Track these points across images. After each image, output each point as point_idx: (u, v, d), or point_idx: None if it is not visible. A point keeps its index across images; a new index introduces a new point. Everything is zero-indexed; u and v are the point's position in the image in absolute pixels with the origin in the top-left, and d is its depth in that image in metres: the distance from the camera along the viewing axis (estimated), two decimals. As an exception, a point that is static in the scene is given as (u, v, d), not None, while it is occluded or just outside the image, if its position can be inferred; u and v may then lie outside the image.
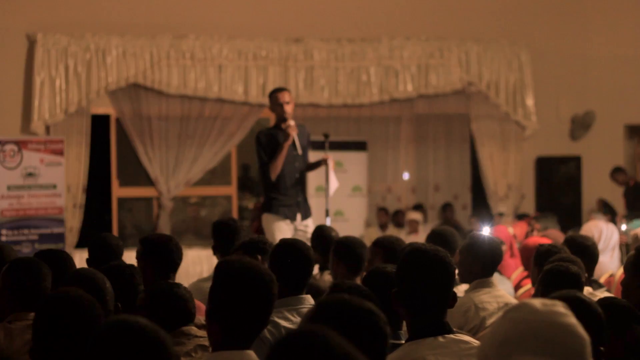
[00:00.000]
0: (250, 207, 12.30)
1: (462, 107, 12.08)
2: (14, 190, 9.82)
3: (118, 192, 11.16)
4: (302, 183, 7.51)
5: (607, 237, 6.85)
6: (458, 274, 4.87)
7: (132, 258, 4.82)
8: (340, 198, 10.74)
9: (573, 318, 2.02)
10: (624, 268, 4.23)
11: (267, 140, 7.38)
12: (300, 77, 11.26)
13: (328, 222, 7.27)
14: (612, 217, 10.28)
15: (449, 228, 5.99)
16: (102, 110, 10.97)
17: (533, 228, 8.20)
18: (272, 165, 7.29)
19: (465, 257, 4.75)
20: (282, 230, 7.19)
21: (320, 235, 5.91)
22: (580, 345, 1.99)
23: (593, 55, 12.38)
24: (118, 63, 10.63)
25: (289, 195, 7.36)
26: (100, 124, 10.98)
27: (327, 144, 7.57)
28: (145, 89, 10.86)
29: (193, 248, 10.91)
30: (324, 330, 1.86)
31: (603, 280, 5.84)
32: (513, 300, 4.71)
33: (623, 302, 3.50)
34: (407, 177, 12.37)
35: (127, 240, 10.15)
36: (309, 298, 4.04)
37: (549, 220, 8.64)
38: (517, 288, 5.96)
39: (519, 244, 7.21)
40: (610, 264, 6.70)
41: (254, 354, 2.79)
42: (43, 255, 4.43)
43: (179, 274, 10.99)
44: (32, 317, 3.52)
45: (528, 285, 5.62)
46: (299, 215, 7.37)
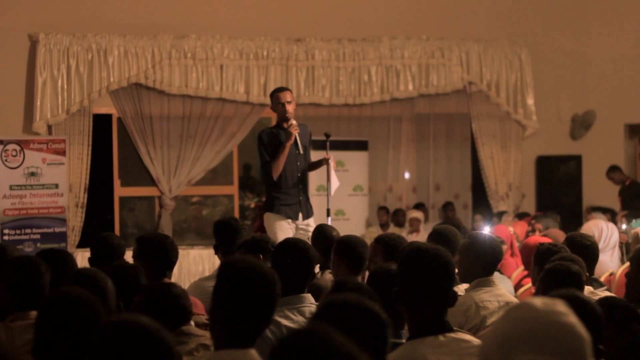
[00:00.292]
0: (252, 206, 12.32)
1: (462, 106, 12.08)
2: (16, 190, 9.83)
3: (120, 191, 11.17)
4: (303, 182, 7.48)
5: (607, 236, 6.85)
6: (458, 274, 4.89)
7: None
8: (341, 197, 10.73)
9: (573, 317, 2.03)
10: (630, 260, 4.26)
11: (269, 140, 7.36)
12: (302, 76, 11.26)
13: (329, 221, 7.27)
14: (612, 216, 10.28)
15: (451, 227, 5.97)
16: (104, 110, 10.98)
17: (534, 228, 8.19)
18: (274, 165, 7.28)
19: (466, 256, 4.74)
20: (283, 230, 7.17)
21: (321, 235, 5.90)
22: (581, 345, 2.00)
23: (593, 55, 12.39)
24: (120, 63, 10.65)
25: (291, 195, 7.34)
26: (102, 124, 10.99)
27: (328, 144, 7.55)
28: (147, 89, 10.87)
29: (195, 247, 10.93)
30: (327, 330, 1.87)
31: (603, 279, 5.83)
32: (513, 299, 4.72)
33: (623, 301, 3.53)
34: (408, 177, 12.37)
35: (128, 240, 10.14)
36: (310, 297, 4.05)
37: (550, 220, 8.63)
38: (517, 287, 5.96)
39: (519, 243, 7.22)
40: (611, 263, 6.70)
41: (256, 353, 2.78)
42: (44, 255, 4.44)
43: (181, 273, 11.08)
44: (32, 316, 3.56)
45: (528, 284, 5.62)
46: (301, 215, 7.35)
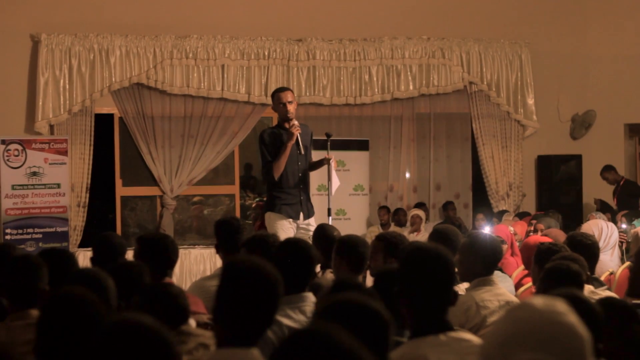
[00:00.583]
0: (253, 205, 12.33)
1: (463, 106, 12.08)
2: (19, 190, 9.86)
3: (121, 191, 11.19)
4: (304, 182, 7.49)
5: (607, 235, 6.87)
6: (458, 273, 4.91)
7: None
8: (342, 197, 10.74)
9: (573, 317, 2.04)
10: (635, 256, 4.28)
11: (270, 139, 7.37)
12: (303, 76, 11.28)
13: (330, 221, 7.28)
14: (612, 215, 10.28)
15: (451, 226, 5.98)
16: (105, 110, 11.00)
17: (536, 228, 8.19)
18: (275, 165, 7.29)
19: (466, 255, 4.74)
20: (284, 229, 7.17)
21: (322, 234, 5.90)
22: (580, 344, 2.01)
23: (593, 55, 12.40)
24: (121, 63, 10.67)
25: (292, 194, 7.35)
26: (104, 124, 11.01)
27: (329, 143, 7.56)
28: (149, 89, 10.89)
29: (196, 247, 10.95)
30: (332, 328, 1.89)
31: (603, 279, 5.84)
32: (514, 299, 4.73)
33: (622, 301, 3.57)
34: (409, 176, 12.37)
35: (130, 239, 10.17)
36: (311, 296, 4.05)
37: (551, 220, 8.63)
38: (517, 286, 5.97)
39: (520, 243, 7.24)
40: (611, 263, 6.71)
41: (259, 352, 2.79)
42: (46, 254, 4.46)
43: (182, 273, 11.08)
44: (32, 315, 3.57)
45: (529, 284, 5.63)
46: (302, 214, 7.36)
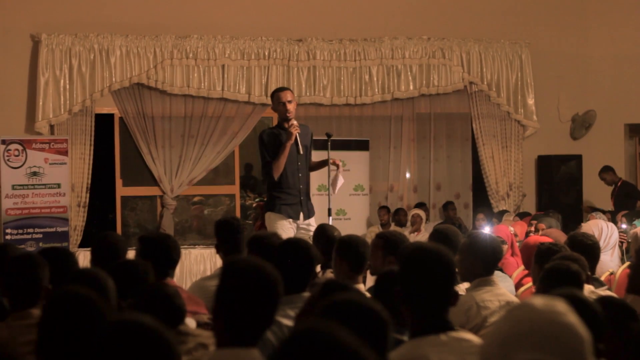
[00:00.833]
0: (254, 205, 12.33)
1: (463, 106, 12.09)
2: (19, 190, 9.86)
3: (122, 191, 11.19)
4: (305, 182, 7.50)
5: (607, 235, 6.87)
6: (458, 273, 4.92)
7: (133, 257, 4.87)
8: (342, 197, 10.73)
9: (573, 317, 2.05)
10: (635, 252, 4.29)
11: (270, 140, 7.37)
12: (303, 76, 11.28)
13: (330, 221, 7.27)
14: (611, 216, 10.28)
15: (452, 226, 5.99)
16: (105, 110, 11.01)
17: (537, 228, 8.18)
18: (274, 165, 7.29)
19: (466, 255, 4.76)
20: (284, 229, 7.16)
21: (322, 234, 5.90)
22: (580, 344, 2.02)
23: (593, 55, 12.40)
24: (122, 63, 10.67)
25: (292, 194, 7.35)
26: (104, 124, 11.02)
27: (329, 144, 7.56)
28: (149, 89, 10.89)
29: (196, 247, 10.95)
30: (335, 326, 1.89)
31: (603, 279, 5.83)
32: (514, 299, 4.73)
33: (621, 300, 3.60)
34: (409, 176, 12.37)
35: (130, 239, 10.19)
36: (311, 296, 4.08)
37: (552, 220, 8.63)
38: (518, 286, 5.97)
39: (520, 243, 7.24)
40: (611, 263, 6.71)
41: (259, 352, 2.79)
42: (46, 253, 4.45)
43: (183, 273, 11.07)
44: (34, 315, 3.56)
45: (529, 284, 5.63)
46: (302, 214, 7.36)
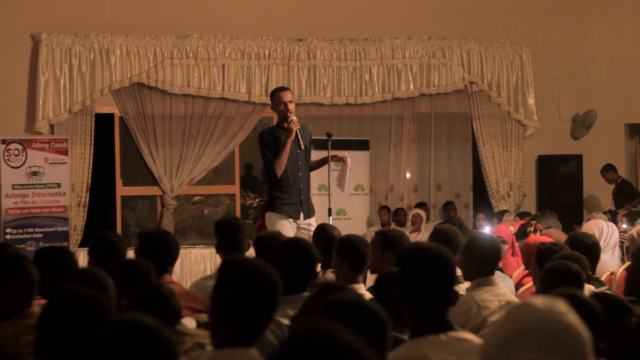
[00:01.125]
0: (254, 205, 12.33)
1: (463, 106, 12.09)
2: (19, 189, 9.86)
3: (122, 190, 11.19)
4: (305, 182, 7.50)
5: (607, 235, 6.88)
6: (462, 273, 4.92)
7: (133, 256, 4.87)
8: (343, 197, 10.73)
9: (574, 317, 2.05)
10: (632, 254, 4.31)
11: (270, 138, 7.36)
12: (303, 76, 11.28)
13: (330, 220, 7.27)
14: (612, 216, 10.28)
15: (452, 226, 5.99)
16: (106, 110, 11.01)
17: (535, 228, 8.18)
18: (276, 162, 7.27)
19: (466, 256, 4.77)
20: (285, 229, 7.13)
21: (322, 234, 5.90)
22: (581, 344, 2.02)
23: (594, 55, 12.40)
24: (122, 62, 10.68)
25: (292, 194, 7.34)
26: (104, 123, 11.02)
27: (329, 143, 7.56)
28: (149, 88, 10.90)
29: (196, 246, 10.95)
30: (335, 326, 1.89)
31: (604, 279, 5.83)
32: (514, 299, 4.73)
33: (615, 296, 3.67)
34: (409, 176, 12.37)
35: (130, 239, 10.18)
36: (312, 296, 4.08)
37: (549, 220, 8.63)
38: (518, 286, 5.97)
39: (520, 243, 7.23)
40: (611, 263, 6.72)
41: (257, 352, 2.78)
42: (45, 253, 4.46)
43: (183, 273, 11.06)
44: (33, 315, 3.54)
45: (529, 284, 5.63)
46: (302, 214, 7.35)
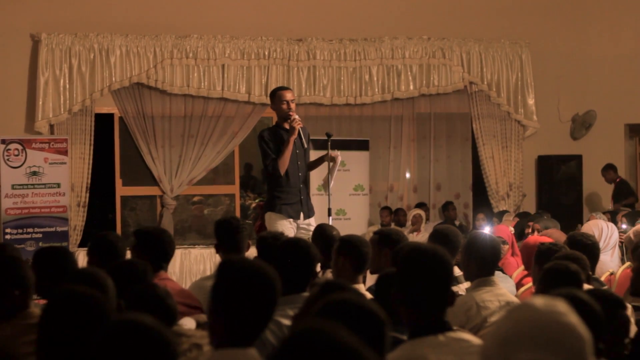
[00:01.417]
0: (253, 206, 12.33)
1: (463, 106, 12.09)
2: (18, 189, 9.86)
3: (121, 190, 11.19)
4: (305, 182, 7.50)
5: (607, 236, 6.88)
6: (463, 273, 4.93)
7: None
8: (342, 197, 10.74)
9: (574, 317, 2.04)
10: (636, 256, 4.33)
11: (270, 137, 7.35)
12: (303, 76, 11.29)
13: (330, 221, 7.27)
14: (612, 216, 10.27)
15: (451, 227, 6.00)
16: (105, 110, 11.01)
17: (533, 229, 8.19)
18: (280, 160, 7.26)
19: (465, 256, 4.78)
20: (285, 229, 7.14)
21: (322, 234, 5.90)
22: (581, 344, 2.01)
23: (593, 55, 12.40)
24: (122, 62, 10.68)
25: (292, 194, 7.34)
26: (104, 123, 11.02)
27: (329, 143, 7.56)
28: (149, 88, 10.90)
29: (196, 247, 10.95)
30: (334, 326, 1.89)
31: (604, 279, 5.85)
32: (514, 299, 4.73)
33: (608, 292, 3.80)
34: (409, 176, 12.37)
35: (130, 239, 10.16)
36: (312, 296, 4.08)
37: (548, 220, 8.63)
38: (518, 286, 5.97)
39: (519, 243, 7.23)
40: (611, 263, 6.72)
41: (256, 352, 2.78)
42: (45, 253, 4.45)
43: (182, 273, 11.05)
44: (33, 315, 3.55)
45: (529, 284, 5.63)
46: (302, 214, 7.35)
